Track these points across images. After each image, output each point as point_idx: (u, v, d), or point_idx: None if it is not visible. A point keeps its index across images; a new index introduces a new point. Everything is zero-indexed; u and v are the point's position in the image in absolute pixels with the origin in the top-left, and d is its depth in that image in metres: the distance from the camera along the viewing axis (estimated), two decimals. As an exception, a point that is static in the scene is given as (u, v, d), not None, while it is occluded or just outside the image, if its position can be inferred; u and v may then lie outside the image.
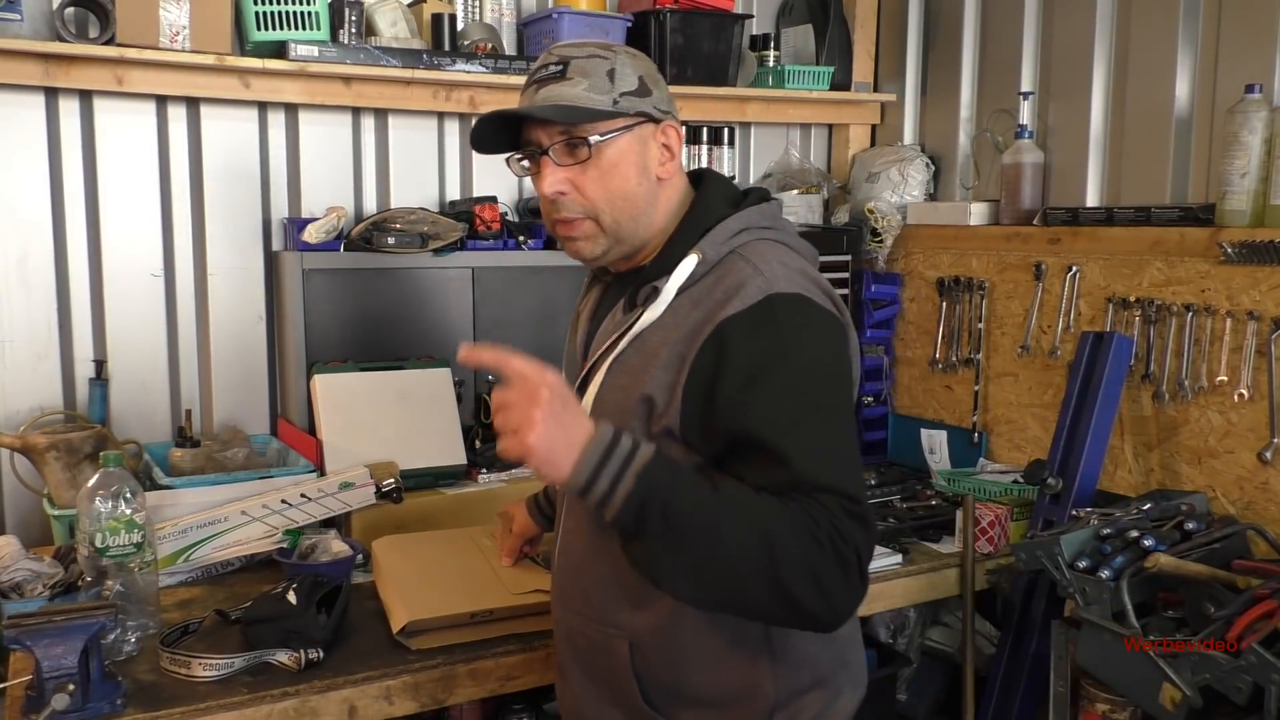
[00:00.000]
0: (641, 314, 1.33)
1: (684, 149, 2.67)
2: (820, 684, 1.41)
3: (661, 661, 1.36)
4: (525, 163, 1.38)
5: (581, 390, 1.38)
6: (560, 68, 1.33)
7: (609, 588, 1.38)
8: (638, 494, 1.14)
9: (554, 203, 1.36)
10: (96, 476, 1.72)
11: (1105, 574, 1.87)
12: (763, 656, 1.36)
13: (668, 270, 1.33)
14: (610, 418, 1.23)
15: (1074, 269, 2.51)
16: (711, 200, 1.39)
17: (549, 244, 2.67)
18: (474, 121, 1.36)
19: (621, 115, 1.33)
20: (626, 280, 1.43)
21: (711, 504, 1.16)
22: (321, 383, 2.34)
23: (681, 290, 1.32)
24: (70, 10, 2.24)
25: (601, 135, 1.32)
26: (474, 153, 2.64)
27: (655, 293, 1.33)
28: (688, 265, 1.32)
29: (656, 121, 1.36)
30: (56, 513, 2.07)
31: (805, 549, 1.14)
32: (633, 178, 1.35)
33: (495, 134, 1.37)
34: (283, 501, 2.07)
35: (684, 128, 1.43)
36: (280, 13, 2.35)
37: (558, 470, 1.14)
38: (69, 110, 2.36)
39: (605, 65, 1.33)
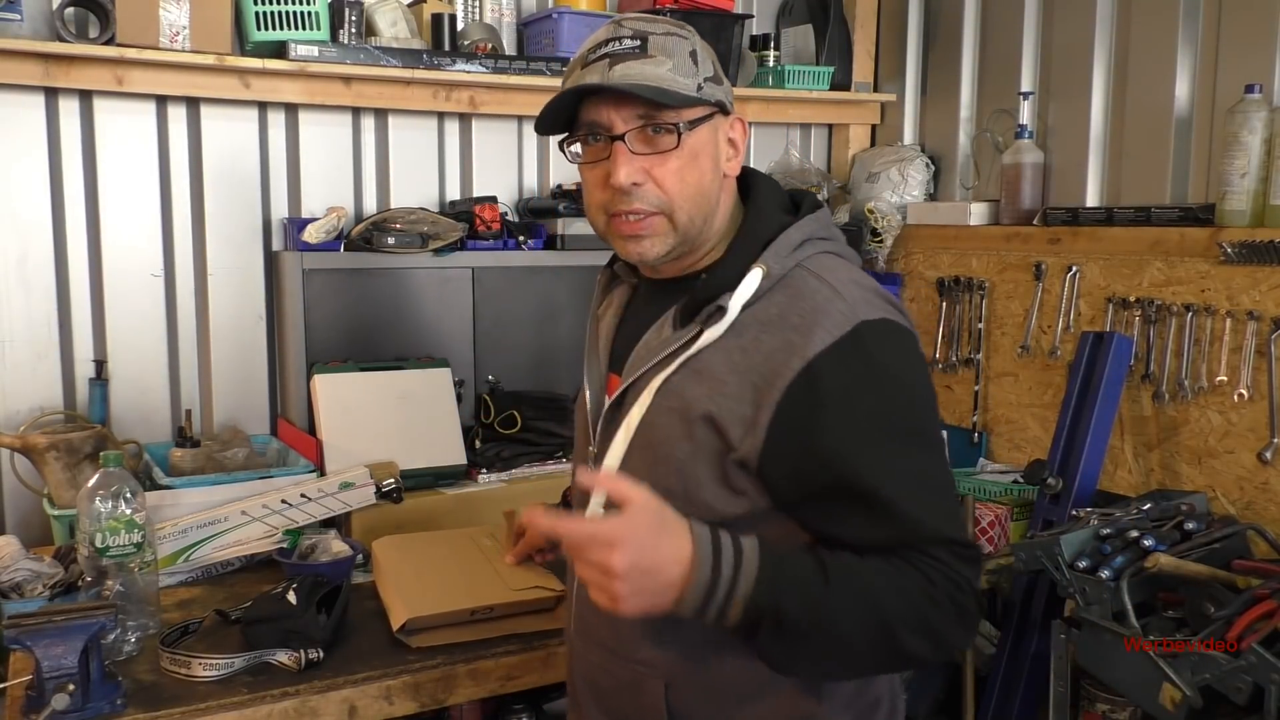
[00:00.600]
0: (702, 333, 1.20)
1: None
2: (877, 705, 1.31)
3: (701, 699, 1.24)
4: (578, 148, 1.24)
5: (617, 407, 1.28)
6: (638, 43, 1.19)
7: (639, 621, 1.16)
8: (749, 615, 1.08)
9: (626, 194, 1.20)
10: (96, 476, 1.72)
11: (1105, 574, 1.87)
12: (814, 684, 1.25)
13: (730, 285, 1.19)
14: (659, 445, 1.19)
15: (1074, 269, 2.51)
16: (767, 206, 1.27)
17: (549, 244, 2.67)
18: (550, 99, 1.21)
19: (704, 103, 1.22)
20: (668, 289, 1.29)
21: (824, 598, 1.09)
22: (321, 383, 2.34)
23: (744, 307, 1.19)
24: (70, 10, 2.24)
25: (689, 123, 1.20)
26: (473, 155, 2.63)
27: (720, 311, 1.19)
28: (753, 280, 1.19)
29: (727, 113, 1.27)
30: (56, 513, 2.07)
31: (921, 613, 1.11)
32: (709, 172, 1.23)
33: (555, 113, 1.22)
34: (283, 501, 2.07)
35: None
36: (280, 13, 2.35)
37: (662, 611, 1.07)
38: (69, 110, 2.36)
39: (687, 45, 1.22)
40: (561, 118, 1.24)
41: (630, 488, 1.06)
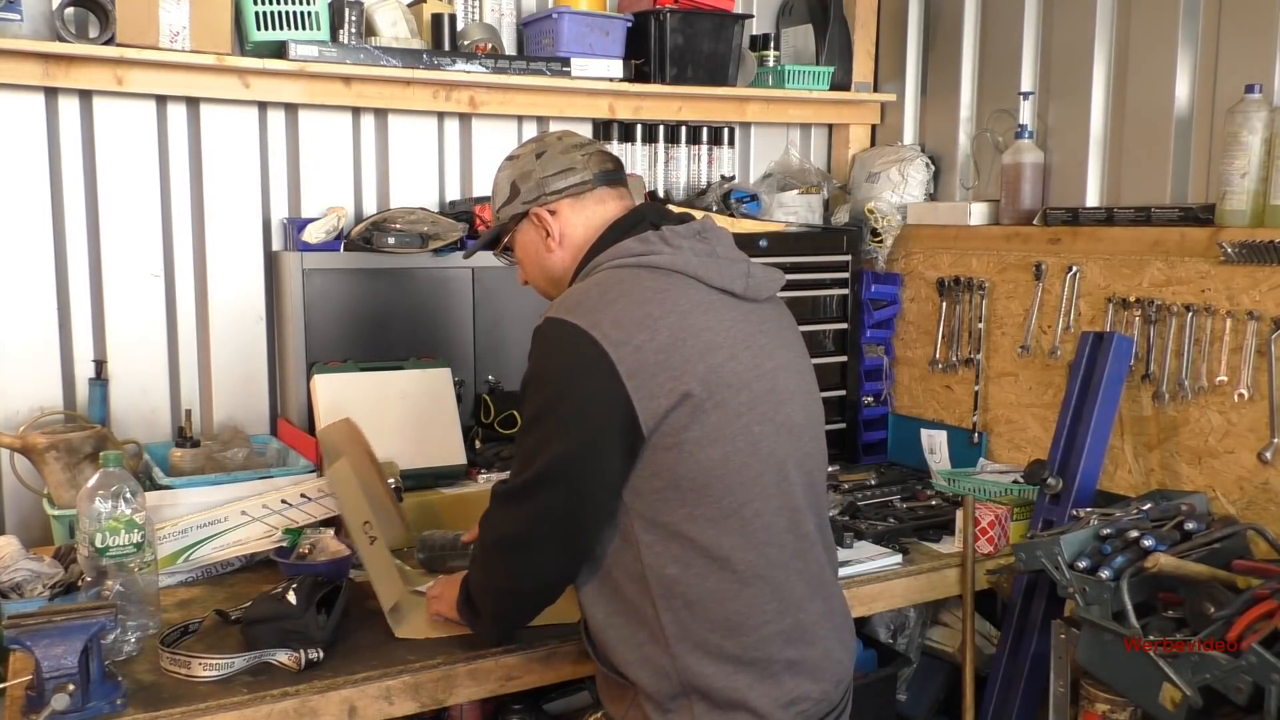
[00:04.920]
0: None
1: (663, 164, 3.00)
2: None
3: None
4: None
5: None
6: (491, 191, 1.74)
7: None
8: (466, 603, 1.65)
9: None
10: (96, 476, 1.72)
11: (1105, 574, 1.87)
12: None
13: None
14: None
15: (1074, 269, 2.51)
16: (599, 243, 1.59)
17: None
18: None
19: (501, 225, 1.69)
20: None
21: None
22: (321, 383, 2.34)
23: None
24: (70, 10, 2.24)
25: (503, 246, 1.73)
26: (473, 155, 2.65)
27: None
28: None
29: (524, 214, 1.65)
30: (56, 513, 2.07)
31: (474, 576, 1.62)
32: (533, 259, 1.68)
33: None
34: (283, 501, 2.07)
35: (572, 189, 1.63)
36: (280, 13, 2.35)
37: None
38: (69, 110, 2.36)
39: (502, 184, 1.68)
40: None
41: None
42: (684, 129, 3.01)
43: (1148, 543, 1.89)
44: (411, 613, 1.80)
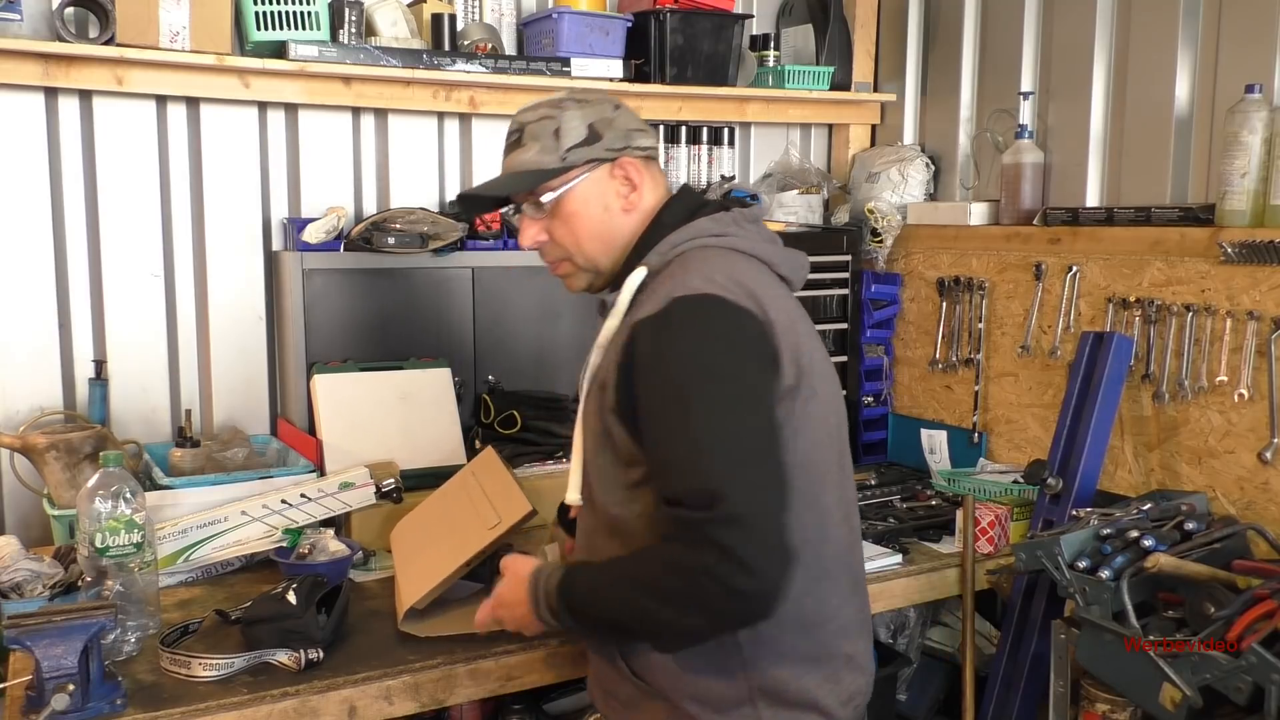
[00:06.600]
0: (601, 326, 1.47)
1: (663, 164, 2.80)
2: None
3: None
4: (517, 217, 1.57)
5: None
6: (517, 135, 1.50)
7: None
8: (565, 609, 1.39)
9: (537, 252, 1.55)
10: (96, 476, 1.72)
11: (1105, 574, 1.87)
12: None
13: (619, 286, 1.48)
14: (586, 418, 1.46)
15: (1074, 269, 2.51)
16: (665, 217, 1.49)
17: (549, 244, 2.68)
18: (454, 199, 1.52)
19: (571, 168, 1.48)
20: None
21: (593, 588, 1.39)
22: (321, 383, 2.34)
23: (634, 301, 1.44)
24: (70, 10, 2.24)
25: (555, 191, 1.48)
26: (472, 155, 2.64)
27: (606, 307, 1.47)
28: (636, 277, 1.45)
29: (610, 161, 1.49)
30: (56, 513, 2.07)
31: (666, 585, 1.28)
32: (596, 218, 1.49)
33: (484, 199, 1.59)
34: (283, 501, 2.07)
35: (650, 150, 1.54)
36: (280, 13, 2.35)
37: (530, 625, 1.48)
38: (69, 110, 2.36)
39: (552, 125, 1.48)
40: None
41: (506, 571, 1.53)
42: (684, 129, 3.01)
43: (1148, 543, 1.89)
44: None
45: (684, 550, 1.26)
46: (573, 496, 1.49)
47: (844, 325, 2.99)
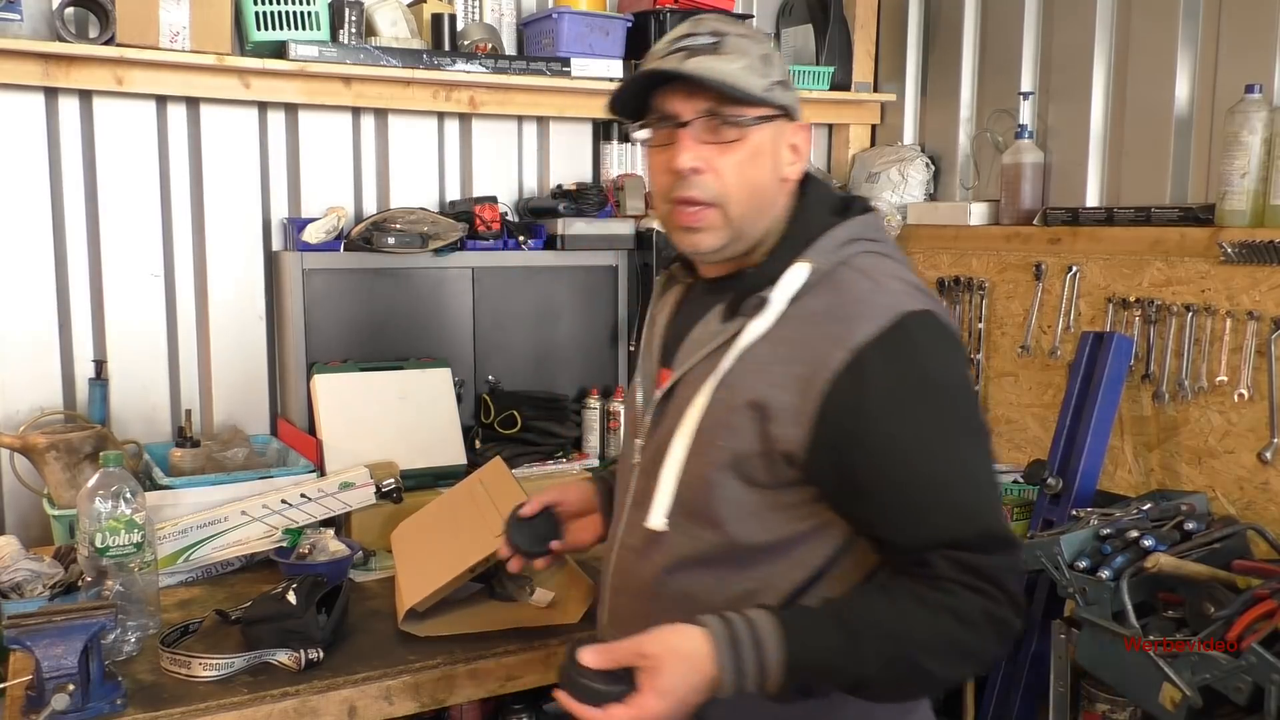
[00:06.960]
0: (746, 325, 1.23)
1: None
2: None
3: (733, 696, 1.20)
4: (647, 133, 1.29)
5: (667, 399, 1.31)
6: (714, 40, 1.23)
7: (675, 613, 1.21)
8: (790, 679, 1.14)
9: (685, 180, 1.24)
10: (96, 476, 1.72)
11: (1105, 574, 1.87)
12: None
13: (772, 279, 1.24)
14: (712, 433, 1.23)
15: (1074, 269, 2.51)
16: (816, 206, 1.30)
17: (549, 244, 2.67)
18: (621, 81, 1.25)
19: (770, 104, 1.25)
20: (719, 286, 1.33)
21: (850, 655, 1.14)
22: (321, 383, 2.34)
23: (791, 301, 1.23)
24: (70, 10, 2.24)
25: (754, 120, 1.24)
26: (472, 155, 2.64)
27: (763, 303, 1.23)
28: (799, 274, 1.23)
29: (793, 119, 1.30)
30: (56, 513, 2.07)
31: (951, 638, 1.14)
32: (766, 172, 1.27)
33: (631, 98, 1.28)
34: (283, 501, 2.07)
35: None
36: (280, 13, 2.35)
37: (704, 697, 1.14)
38: (69, 110, 2.36)
39: (760, 49, 1.26)
40: (633, 105, 1.29)
41: (632, 647, 1.14)
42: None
43: (1148, 543, 1.89)
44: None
45: (980, 600, 1.14)
46: (658, 521, 1.27)
47: (844, 325, 2.98)
